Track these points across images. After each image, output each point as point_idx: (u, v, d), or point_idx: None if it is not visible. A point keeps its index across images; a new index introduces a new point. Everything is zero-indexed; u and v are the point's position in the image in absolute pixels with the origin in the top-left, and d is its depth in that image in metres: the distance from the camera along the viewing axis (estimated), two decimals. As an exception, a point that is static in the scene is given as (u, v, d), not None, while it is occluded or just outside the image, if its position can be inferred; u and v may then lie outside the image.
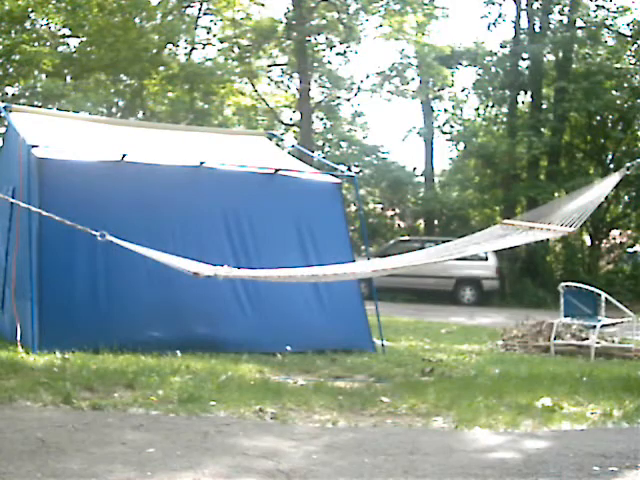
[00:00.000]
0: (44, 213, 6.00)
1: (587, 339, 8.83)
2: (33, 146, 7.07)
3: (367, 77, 23.94)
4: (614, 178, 6.04)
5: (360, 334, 7.97)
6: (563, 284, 9.43)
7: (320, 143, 25.16)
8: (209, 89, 22.91)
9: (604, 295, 8.98)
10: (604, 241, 23.13)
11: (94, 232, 5.98)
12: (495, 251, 19.18)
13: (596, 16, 22.16)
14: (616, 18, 22.10)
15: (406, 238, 21.66)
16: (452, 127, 24.72)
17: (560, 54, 22.12)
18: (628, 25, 21.92)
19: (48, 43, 21.57)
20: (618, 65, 21.33)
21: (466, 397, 5.39)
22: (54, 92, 20.48)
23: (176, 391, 5.21)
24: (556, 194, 20.08)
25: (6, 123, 9.54)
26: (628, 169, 5.56)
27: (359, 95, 25.17)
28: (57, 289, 6.88)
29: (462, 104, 25.83)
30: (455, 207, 23.36)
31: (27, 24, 20.63)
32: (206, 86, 22.58)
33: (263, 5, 23.55)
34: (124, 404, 4.85)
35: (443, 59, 23.18)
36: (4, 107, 8.22)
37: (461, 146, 24.04)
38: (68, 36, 22.34)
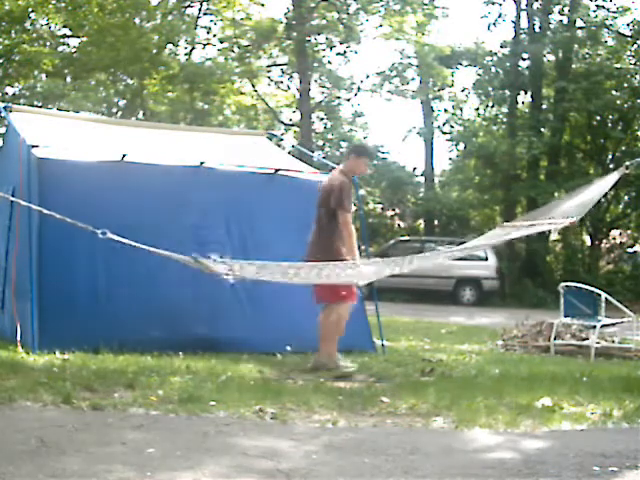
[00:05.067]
0: (45, 211, 6.00)
1: (587, 339, 8.83)
2: (33, 146, 7.06)
3: (367, 77, 23.96)
4: (613, 177, 6.04)
5: (360, 334, 7.96)
6: (563, 284, 9.42)
7: (320, 143, 25.17)
8: (209, 89, 22.90)
9: (604, 295, 8.98)
10: (604, 241, 23.15)
11: (96, 230, 5.97)
12: (495, 251, 19.20)
13: (596, 16, 22.17)
14: (616, 18, 22.13)
15: (406, 238, 21.66)
16: (452, 127, 24.74)
17: (560, 54, 22.13)
18: (628, 25, 21.95)
19: (48, 43, 21.57)
20: (618, 65, 21.35)
21: (466, 397, 5.39)
22: (54, 92, 20.50)
23: (176, 391, 5.21)
24: (556, 194, 20.09)
25: (6, 123, 9.54)
26: (627, 168, 5.55)
27: (359, 95, 25.22)
28: (57, 289, 6.87)
29: (462, 104, 25.88)
30: (455, 207, 23.39)
31: (27, 24, 20.64)
32: (206, 86, 22.58)
33: (263, 5, 23.57)
34: (124, 404, 4.84)
35: (443, 59, 23.19)
36: (4, 107, 8.21)
37: (461, 146, 24.05)
38: (68, 36, 22.36)
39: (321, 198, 6.62)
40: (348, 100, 25.20)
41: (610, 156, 22.52)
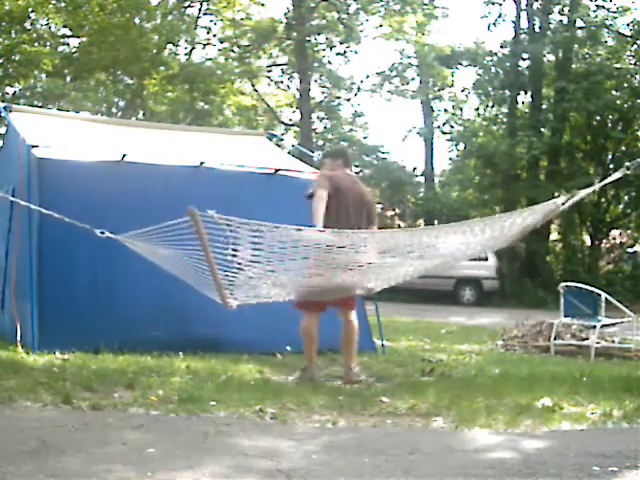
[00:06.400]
0: (44, 211, 6.00)
1: (587, 339, 8.82)
2: (33, 146, 7.06)
3: (367, 77, 24.01)
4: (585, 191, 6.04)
5: (360, 334, 7.92)
6: (563, 284, 9.42)
7: (320, 143, 25.17)
8: (209, 89, 22.90)
9: (604, 295, 8.97)
10: (604, 241, 23.14)
11: (95, 229, 5.97)
12: (495, 251, 19.19)
13: (596, 16, 22.18)
14: (616, 18, 22.13)
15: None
16: (452, 127, 24.76)
17: (560, 54, 22.13)
18: (628, 25, 21.95)
19: (48, 43, 21.57)
20: (618, 65, 21.35)
21: (466, 397, 5.39)
22: (54, 92, 20.50)
23: (176, 391, 5.21)
24: (556, 194, 20.06)
25: (6, 123, 9.54)
26: (628, 169, 5.52)
27: (359, 95, 25.24)
28: (57, 289, 6.87)
29: (462, 104, 25.89)
30: (455, 207, 23.38)
31: (27, 24, 20.64)
32: (206, 86, 22.57)
33: (263, 5, 23.59)
34: (124, 404, 4.85)
35: (443, 59, 23.21)
36: (4, 107, 8.22)
37: (461, 146, 24.05)
38: (68, 36, 22.35)
39: (361, 201, 6.35)
40: (348, 100, 25.23)
41: (610, 156, 22.52)
